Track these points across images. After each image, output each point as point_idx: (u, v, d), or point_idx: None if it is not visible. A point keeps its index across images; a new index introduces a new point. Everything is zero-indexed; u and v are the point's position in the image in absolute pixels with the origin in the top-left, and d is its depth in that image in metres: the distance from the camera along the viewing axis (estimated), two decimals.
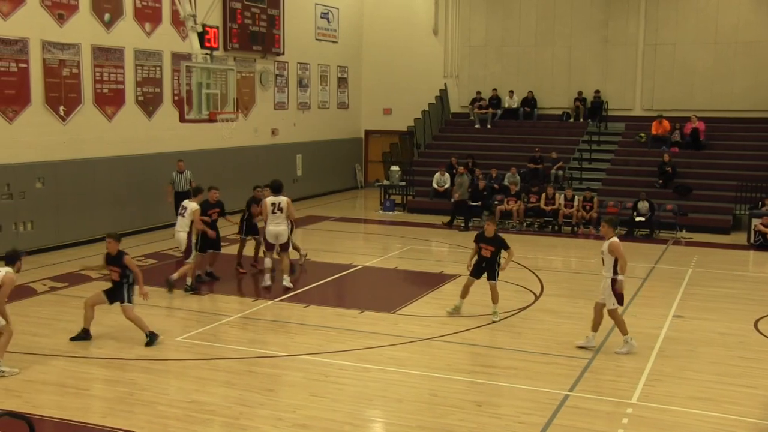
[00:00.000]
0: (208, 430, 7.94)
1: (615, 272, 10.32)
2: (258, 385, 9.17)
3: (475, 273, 11.95)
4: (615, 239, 10.39)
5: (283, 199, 13.31)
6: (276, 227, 13.27)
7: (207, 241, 13.63)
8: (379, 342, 10.90)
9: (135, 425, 8.00)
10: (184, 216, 13.46)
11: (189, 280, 13.39)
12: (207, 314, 12.25)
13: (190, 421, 8.11)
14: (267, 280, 13.46)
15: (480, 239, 11.95)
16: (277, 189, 13.43)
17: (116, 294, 10.55)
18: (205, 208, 13.61)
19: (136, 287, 10.56)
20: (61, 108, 16.94)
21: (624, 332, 10.48)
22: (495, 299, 11.89)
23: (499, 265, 11.87)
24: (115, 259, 10.44)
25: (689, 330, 11.70)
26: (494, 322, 11.75)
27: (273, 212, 13.19)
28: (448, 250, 18.10)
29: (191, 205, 13.45)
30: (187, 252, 13.47)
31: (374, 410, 8.63)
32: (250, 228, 14.96)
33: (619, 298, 10.41)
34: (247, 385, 9.17)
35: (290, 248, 13.95)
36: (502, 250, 11.89)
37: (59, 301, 12.92)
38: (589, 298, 13.52)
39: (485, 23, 27.56)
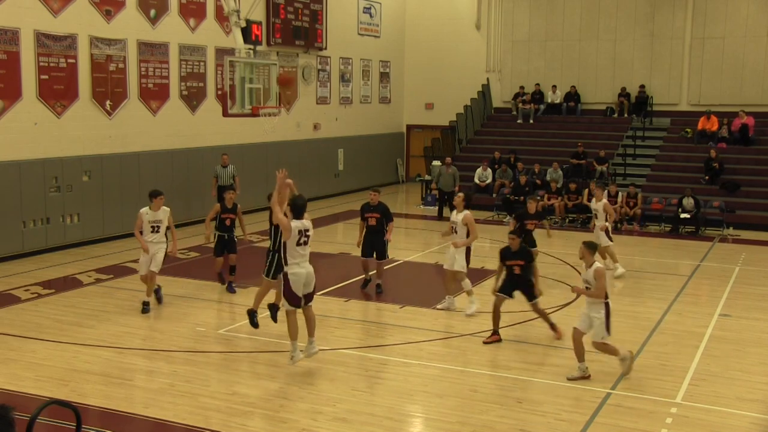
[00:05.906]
0: (249, 422, 7.99)
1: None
2: (298, 378, 9.20)
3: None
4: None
5: None
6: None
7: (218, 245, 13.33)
8: (419, 337, 10.88)
9: (177, 416, 8.08)
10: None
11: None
12: (248, 307, 12.30)
13: (231, 413, 8.17)
14: None
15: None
16: None
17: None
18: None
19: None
20: (108, 102, 17.21)
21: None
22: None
23: None
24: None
25: (737, 329, 11.43)
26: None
27: None
28: (490, 245, 17.96)
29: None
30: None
31: (414, 405, 8.60)
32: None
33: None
34: (288, 378, 9.21)
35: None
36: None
37: (104, 292, 13.12)
38: (633, 295, 13.41)
39: (528, 17, 27.30)
